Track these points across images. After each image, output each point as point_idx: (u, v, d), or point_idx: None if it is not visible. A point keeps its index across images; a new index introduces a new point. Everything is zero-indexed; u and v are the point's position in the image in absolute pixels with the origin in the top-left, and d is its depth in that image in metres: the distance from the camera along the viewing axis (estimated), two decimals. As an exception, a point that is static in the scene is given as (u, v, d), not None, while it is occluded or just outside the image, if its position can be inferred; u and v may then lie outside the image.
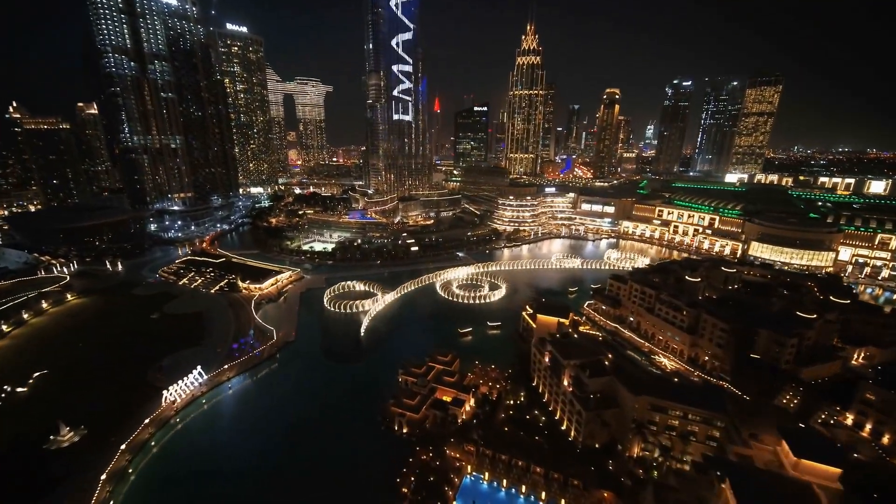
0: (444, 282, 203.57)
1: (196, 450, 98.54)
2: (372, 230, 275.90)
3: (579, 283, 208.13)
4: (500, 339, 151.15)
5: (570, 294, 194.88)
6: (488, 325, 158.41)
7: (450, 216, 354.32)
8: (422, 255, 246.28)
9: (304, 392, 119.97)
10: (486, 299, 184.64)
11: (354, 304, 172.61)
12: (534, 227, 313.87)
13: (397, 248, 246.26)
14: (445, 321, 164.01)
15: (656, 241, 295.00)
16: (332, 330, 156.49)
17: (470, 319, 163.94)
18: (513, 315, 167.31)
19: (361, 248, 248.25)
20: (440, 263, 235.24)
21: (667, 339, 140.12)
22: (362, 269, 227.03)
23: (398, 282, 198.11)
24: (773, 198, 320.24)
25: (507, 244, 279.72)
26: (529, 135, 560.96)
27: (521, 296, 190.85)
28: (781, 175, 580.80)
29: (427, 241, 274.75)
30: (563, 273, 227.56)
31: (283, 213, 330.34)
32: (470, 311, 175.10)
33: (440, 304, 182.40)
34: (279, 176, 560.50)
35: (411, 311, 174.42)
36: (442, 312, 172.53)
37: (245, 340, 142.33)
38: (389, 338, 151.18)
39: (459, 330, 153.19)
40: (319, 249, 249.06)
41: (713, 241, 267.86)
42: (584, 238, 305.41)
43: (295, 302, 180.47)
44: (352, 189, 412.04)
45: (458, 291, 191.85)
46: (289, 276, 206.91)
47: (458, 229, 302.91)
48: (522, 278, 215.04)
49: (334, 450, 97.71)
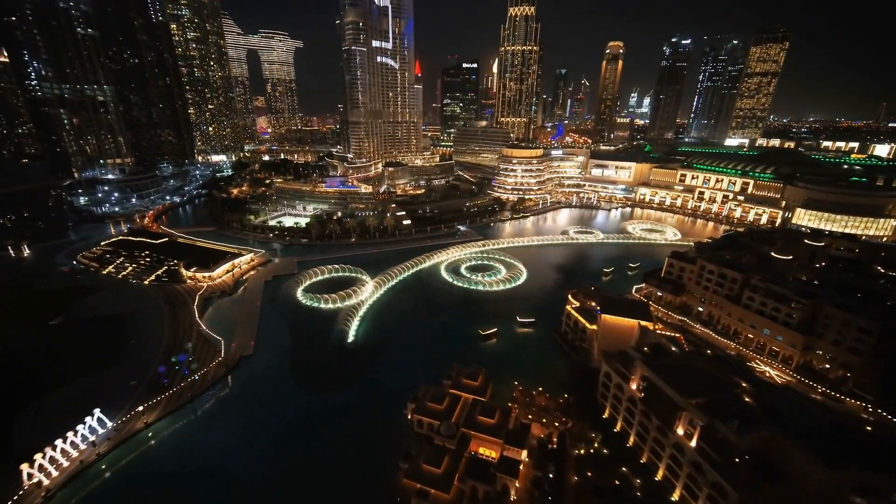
0: (448, 263, 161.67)
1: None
2: (354, 201, 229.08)
3: (611, 261, 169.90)
4: (536, 342, 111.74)
5: (604, 276, 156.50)
6: (518, 322, 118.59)
7: (443, 185, 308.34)
8: (417, 231, 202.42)
9: (264, 444, 77.88)
10: (505, 284, 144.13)
11: (337, 296, 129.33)
12: (540, 196, 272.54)
13: (387, 223, 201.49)
14: (459, 317, 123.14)
15: (678, 209, 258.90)
16: (306, 336, 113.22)
17: (491, 314, 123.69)
18: (545, 305, 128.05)
19: (342, 222, 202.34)
20: (440, 240, 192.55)
21: (763, 340, 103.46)
22: (345, 248, 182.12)
23: (391, 264, 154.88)
24: (796, 160, 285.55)
25: (514, 216, 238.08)
26: (522, 97, 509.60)
27: (547, 279, 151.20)
28: (783, 140, 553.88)
29: (421, 214, 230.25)
30: (585, 249, 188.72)
31: (246, 181, 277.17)
32: (487, 301, 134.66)
33: (448, 292, 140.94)
34: (245, 143, 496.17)
35: (413, 305, 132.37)
36: (452, 304, 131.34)
37: (180, 359, 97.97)
38: (387, 346, 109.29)
39: (481, 331, 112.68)
40: (291, 225, 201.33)
41: (747, 209, 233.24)
42: (596, 207, 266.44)
43: (257, 295, 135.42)
44: (328, 156, 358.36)
45: (469, 275, 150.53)
46: (250, 259, 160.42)
47: (454, 199, 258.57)
48: (540, 256, 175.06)
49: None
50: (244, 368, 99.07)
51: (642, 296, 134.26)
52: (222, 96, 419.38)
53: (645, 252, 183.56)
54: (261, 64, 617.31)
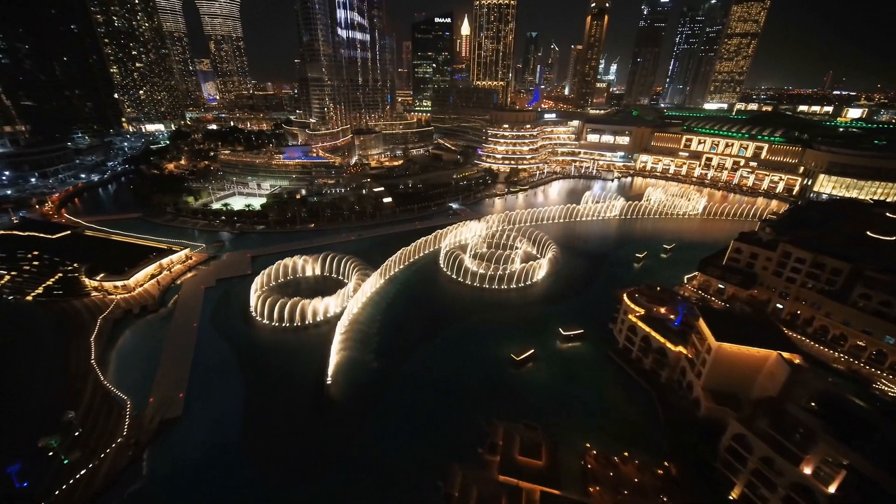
0: (448, 251, 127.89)
1: None
2: (321, 175, 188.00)
3: (639, 242, 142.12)
4: (588, 365, 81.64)
5: (637, 262, 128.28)
6: (560, 335, 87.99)
7: (422, 154, 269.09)
8: (401, 210, 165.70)
9: None
10: (526, 279, 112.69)
11: (308, 308, 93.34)
12: (534, 166, 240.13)
13: (363, 201, 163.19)
14: (477, 331, 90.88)
15: (682, 177, 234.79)
16: (265, 378, 77.52)
17: (517, 323, 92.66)
18: (582, 307, 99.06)
19: (308, 202, 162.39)
20: (430, 222, 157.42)
21: (883, 348, 78.31)
22: (313, 236, 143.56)
23: (375, 255, 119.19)
24: (794, 124, 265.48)
25: (511, 189, 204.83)
26: (500, 57, 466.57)
27: (572, 269, 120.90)
28: (760, 104, 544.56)
29: (402, 190, 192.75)
30: (602, 227, 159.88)
31: (185, 154, 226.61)
32: (508, 303, 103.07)
33: (455, 294, 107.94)
34: (188, 110, 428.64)
35: (411, 315, 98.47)
36: (464, 312, 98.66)
37: (54, 443, 60.51)
38: (384, 389, 75.52)
39: (514, 356, 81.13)
40: (241, 208, 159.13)
41: (761, 176, 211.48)
42: (596, 177, 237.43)
43: (193, 311, 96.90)
44: (286, 123, 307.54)
45: (475, 267, 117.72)
46: (184, 257, 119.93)
47: (438, 171, 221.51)
48: (555, 238, 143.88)
49: None
50: (167, 443, 63.08)
51: (696, 288, 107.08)
52: (153, 53, 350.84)
53: (671, 229, 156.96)
54: (200, 17, 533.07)
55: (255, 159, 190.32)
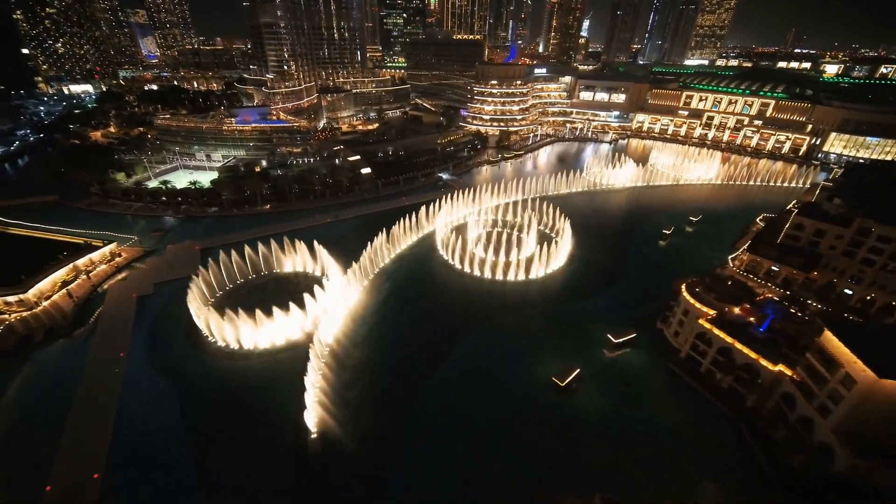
0: (447, 233, 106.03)
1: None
2: (283, 142, 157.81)
3: (659, 214, 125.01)
4: (649, 382, 64.06)
5: (663, 239, 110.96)
6: (611, 342, 69.69)
7: (399, 117, 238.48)
8: (383, 184, 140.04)
9: None
10: (542, 266, 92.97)
11: (274, 317, 70.42)
12: (526, 128, 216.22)
13: (337, 174, 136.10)
14: (496, 343, 71.24)
15: (681, 138, 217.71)
16: (227, 431, 55.57)
17: (546, 326, 73.88)
18: (621, 299, 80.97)
19: (271, 176, 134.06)
20: (419, 197, 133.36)
21: None
22: (279, 219, 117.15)
23: (357, 241, 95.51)
24: (793, 79, 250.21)
25: (504, 155, 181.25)
26: (476, 8, 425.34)
27: (594, 252, 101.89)
28: (741, 61, 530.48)
29: (381, 158, 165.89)
30: (614, 198, 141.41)
31: (115, 120, 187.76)
32: (527, 300, 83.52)
33: (459, 288, 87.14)
34: (123, 69, 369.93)
35: (410, 322, 77.09)
36: (476, 313, 78.37)
37: None
38: (391, 435, 55.48)
39: (556, 379, 62.23)
40: (187, 186, 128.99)
41: (766, 136, 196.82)
42: (593, 139, 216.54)
43: (120, 332, 71.85)
44: (240, 81, 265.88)
45: (482, 252, 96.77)
46: (108, 254, 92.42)
47: (420, 136, 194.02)
48: (566, 212, 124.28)
49: None
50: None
51: (742, 270, 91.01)
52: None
53: (687, 197, 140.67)
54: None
55: (200, 124, 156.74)
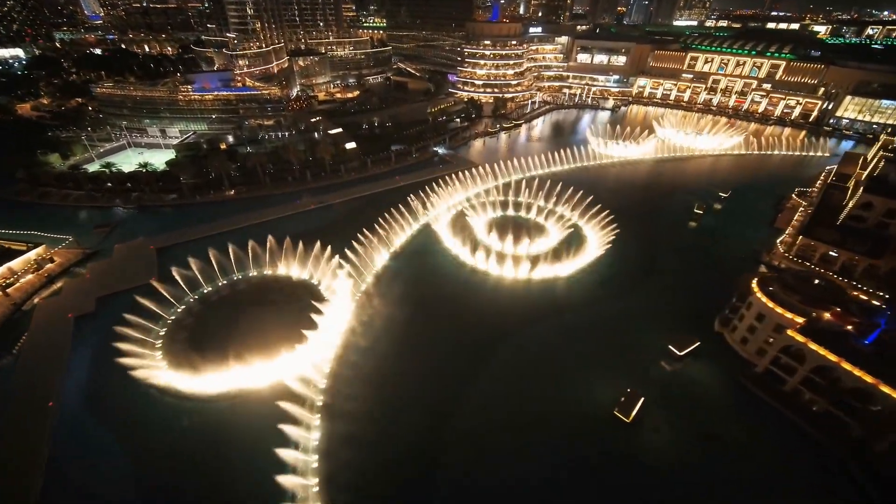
0: (452, 221, 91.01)
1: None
2: (252, 113, 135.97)
3: (683, 191, 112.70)
4: (722, 405, 52.74)
5: (694, 220, 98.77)
6: (674, 354, 57.62)
7: (381, 83, 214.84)
8: (372, 162, 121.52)
9: None
10: (566, 255, 79.45)
11: (257, 353, 55.06)
12: (522, 94, 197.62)
13: (318, 150, 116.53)
14: (534, 362, 58.31)
15: (685, 104, 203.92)
16: (189, 498, 41.44)
17: (588, 336, 61.35)
18: (667, 296, 69.32)
19: (239, 155, 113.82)
20: (414, 175, 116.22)
21: None
22: (250, 206, 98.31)
23: (348, 232, 79.59)
24: (793, 39, 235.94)
25: (504, 125, 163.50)
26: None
27: (625, 242, 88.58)
28: (730, 22, 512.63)
29: (366, 131, 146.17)
30: (630, 173, 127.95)
31: (47, 90, 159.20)
32: (556, 299, 70.58)
33: (475, 291, 72.66)
34: (59, 30, 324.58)
35: (417, 341, 62.71)
36: (500, 323, 64.73)
37: None
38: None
39: (621, 415, 49.81)
40: (137, 169, 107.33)
41: (775, 100, 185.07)
42: (594, 106, 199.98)
43: (49, 370, 55.12)
44: (197, 43, 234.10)
45: (496, 243, 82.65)
46: (33, 261, 73.45)
47: (407, 104, 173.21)
48: (582, 191, 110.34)
49: None
50: None
51: (794, 255, 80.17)
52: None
53: (708, 170, 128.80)
54: None
55: (151, 93, 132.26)
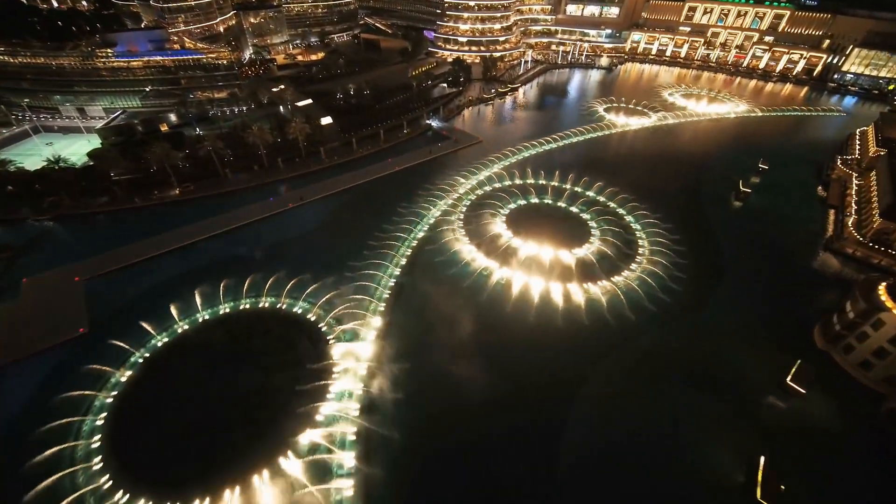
0: (459, 218, 74.24)
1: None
2: (197, 83, 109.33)
3: (709, 164, 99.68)
4: (856, 447, 41.38)
5: (740, 199, 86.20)
6: (793, 390, 45.43)
7: (349, 42, 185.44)
8: (358, 141, 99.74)
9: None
10: (612, 251, 65.31)
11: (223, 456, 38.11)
12: (508, 52, 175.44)
13: (287, 127, 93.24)
14: (615, 431, 44.85)
15: (682, 60, 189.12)
16: None
17: (673, 368, 48.23)
18: (750, 304, 56.81)
19: (187, 138, 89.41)
20: (410, 157, 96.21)
21: None
22: (210, 209, 76.33)
23: (340, 243, 62.81)
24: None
25: (500, 89, 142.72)
26: None
27: (668, 227, 74.86)
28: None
29: (341, 102, 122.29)
30: (640, 139, 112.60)
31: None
32: (621, 322, 56.30)
33: (523, 321, 57.08)
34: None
35: (457, 413, 47.51)
36: (558, 370, 50.49)
37: None
38: None
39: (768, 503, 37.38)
40: (46, 165, 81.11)
41: (777, 54, 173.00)
42: (588, 65, 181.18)
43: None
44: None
45: (526, 245, 67.05)
46: None
47: (383, 67, 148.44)
48: (598, 168, 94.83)
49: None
50: None
51: (871, 241, 69.53)
52: None
53: (730, 135, 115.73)
54: None
55: (59, 59, 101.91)
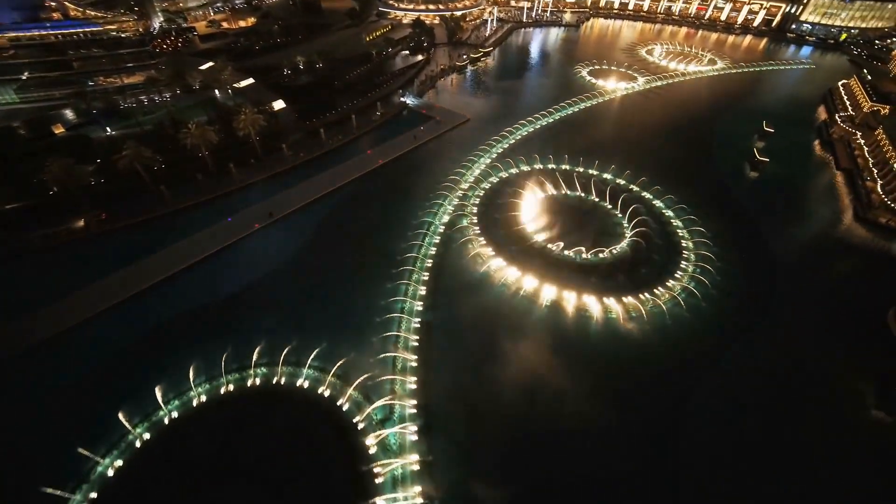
0: (477, 224, 61.52)
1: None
2: (94, 65, 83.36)
3: (705, 129, 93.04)
4: None
5: (753, 169, 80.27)
6: (887, 415, 39.57)
7: (283, 3, 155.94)
8: (326, 130, 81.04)
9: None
10: (654, 262, 56.68)
11: None
12: (469, 10, 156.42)
13: (243, 124, 72.77)
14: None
15: (644, 14, 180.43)
16: None
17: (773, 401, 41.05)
18: (816, 303, 50.64)
19: (92, 143, 66.89)
20: (393, 145, 79.69)
21: None
22: (137, 251, 56.77)
23: (331, 275, 49.27)
24: None
25: (472, 56, 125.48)
26: None
27: (714, 219, 66.91)
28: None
29: (291, 78, 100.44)
30: (629, 106, 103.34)
31: None
32: (687, 336, 48.11)
33: (588, 356, 47.15)
34: None
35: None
36: (650, 415, 41.62)
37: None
38: None
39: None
40: None
41: (738, 5, 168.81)
42: (554, 23, 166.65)
43: None
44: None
45: (569, 249, 56.37)
46: None
47: (332, 33, 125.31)
48: (603, 142, 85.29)
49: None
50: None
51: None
52: None
53: (717, 96, 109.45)
54: None
55: None
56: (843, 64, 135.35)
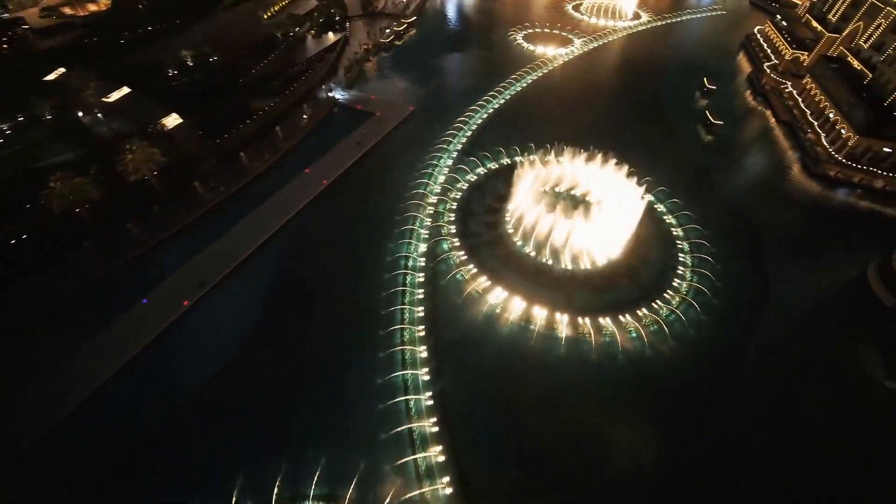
0: (461, 247, 52.79)
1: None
2: None
3: (643, 88, 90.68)
4: None
5: (707, 132, 79.27)
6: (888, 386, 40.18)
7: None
8: (247, 152, 64.12)
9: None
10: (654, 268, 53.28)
11: None
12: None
13: (118, 158, 53.40)
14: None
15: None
16: None
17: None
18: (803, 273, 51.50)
19: None
20: (330, 159, 65.71)
21: None
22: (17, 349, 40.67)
23: (308, 395, 38.94)
24: None
25: (395, 27, 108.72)
26: None
27: (689, 194, 64.25)
28: None
29: (180, 80, 78.95)
30: (570, 70, 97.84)
31: None
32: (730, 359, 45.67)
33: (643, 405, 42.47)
34: None
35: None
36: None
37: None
38: None
39: None
40: None
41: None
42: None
43: None
44: None
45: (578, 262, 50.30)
46: None
47: (220, 12, 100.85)
48: (557, 116, 79.39)
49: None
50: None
51: (843, 157, 68.75)
52: None
53: (646, 53, 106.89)
54: None
55: None
56: (745, 7, 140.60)
